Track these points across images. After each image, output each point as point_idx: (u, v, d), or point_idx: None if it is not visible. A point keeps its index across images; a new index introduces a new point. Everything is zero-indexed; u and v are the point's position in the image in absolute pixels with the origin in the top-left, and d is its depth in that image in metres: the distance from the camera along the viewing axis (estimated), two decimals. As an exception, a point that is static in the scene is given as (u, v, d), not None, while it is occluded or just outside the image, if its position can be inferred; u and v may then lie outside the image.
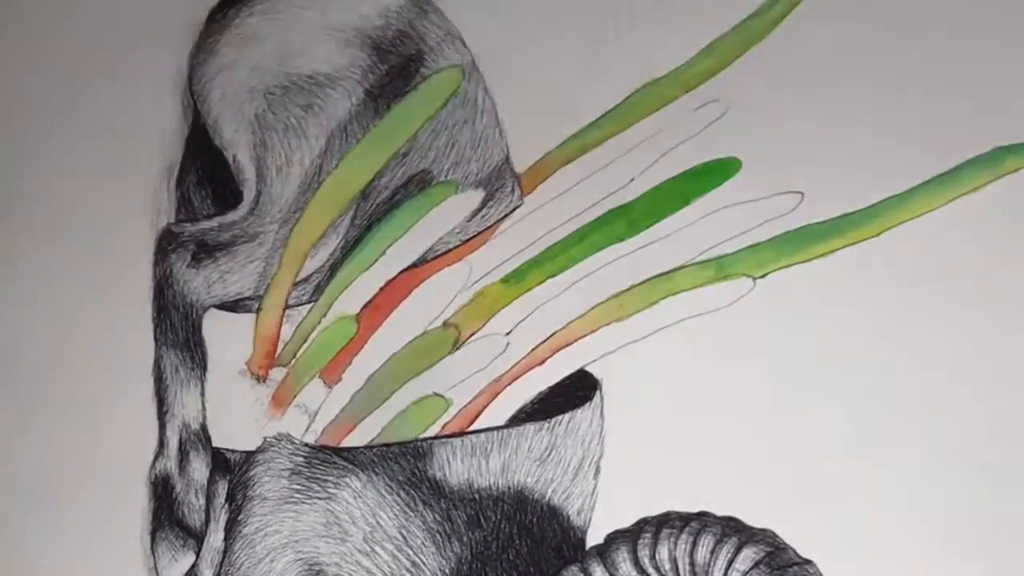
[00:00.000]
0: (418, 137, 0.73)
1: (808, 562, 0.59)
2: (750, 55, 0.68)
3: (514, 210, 0.71)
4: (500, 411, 0.67)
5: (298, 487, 0.67)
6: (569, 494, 0.64)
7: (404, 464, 0.66)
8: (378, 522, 0.65)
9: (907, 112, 0.66)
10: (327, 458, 0.68)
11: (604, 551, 0.62)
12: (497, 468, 0.65)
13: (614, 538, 0.62)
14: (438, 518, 0.65)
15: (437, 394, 0.68)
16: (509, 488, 0.65)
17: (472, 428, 0.67)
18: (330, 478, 0.67)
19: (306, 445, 0.68)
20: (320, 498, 0.67)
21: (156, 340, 0.74)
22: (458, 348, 0.69)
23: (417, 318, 0.70)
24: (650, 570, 0.61)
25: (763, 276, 0.65)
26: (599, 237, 0.69)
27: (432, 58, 0.73)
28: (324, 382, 0.70)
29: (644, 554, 0.61)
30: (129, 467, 0.71)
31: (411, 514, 0.65)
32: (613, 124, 0.70)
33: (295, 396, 0.70)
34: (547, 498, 0.64)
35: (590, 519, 0.64)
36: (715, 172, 0.68)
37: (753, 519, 0.61)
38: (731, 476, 0.62)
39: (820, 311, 0.64)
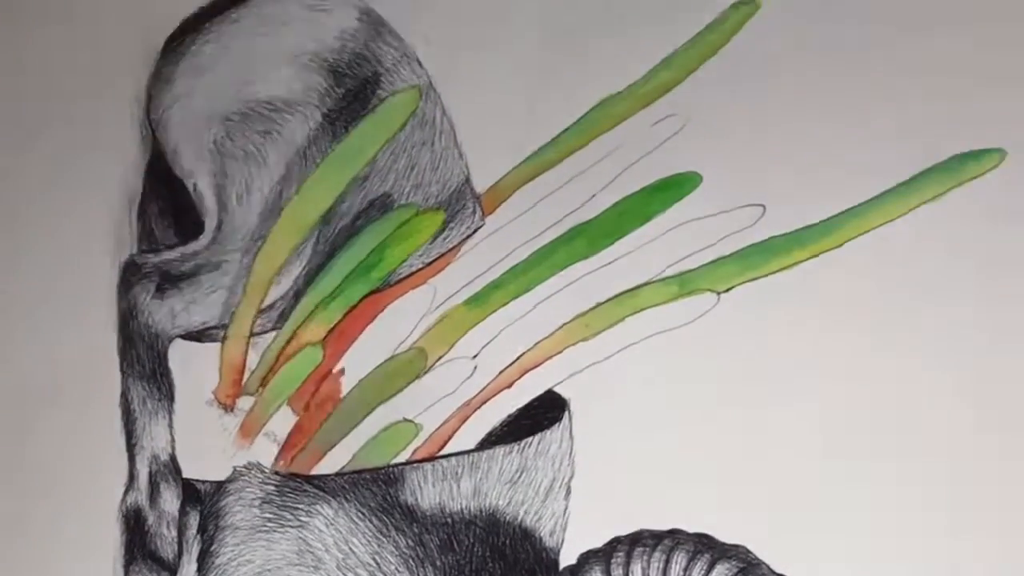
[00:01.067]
0: (377, 160, 0.73)
1: (781, 577, 0.59)
2: (706, 68, 0.68)
3: (476, 231, 0.71)
4: (470, 435, 0.67)
5: (269, 516, 0.67)
6: (541, 515, 0.64)
7: (376, 490, 0.66)
8: (351, 549, 0.65)
9: (866, 122, 0.66)
10: (298, 486, 0.67)
11: (577, 571, 0.62)
12: (469, 492, 0.65)
13: (587, 558, 0.62)
14: (411, 543, 0.65)
15: (407, 420, 0.68)
16: (481, 511, 0.64)
17: (443, 452, 0.66)
18: (301, 506, 0.67)
19: (276, 473, 0.68)
20: (292, 526, 0.66)
21: (123, 372, 0.73)
22: (426, 372, 0.68)
23: (383, 343, 0.70)
24: (623, 590, 0.61)
25: (727, 291, 0.65)
26: (561, 256, 0.68)
27: (389, 80, 0.73)
28: (292, 410, 0.70)
29: (617, 573, 0.61)
30: (100, 501, 0.70)
31: (384, 540, 0.65)
32: (572, 141, 0.70)
33: (263, 425, 0.70)
34: (519, 520, 0.64)
35: (562, 539, 0.63)
36: (675, 187, 0.67)
37: (725, 535, 0.60)
38: (702, 492, 0.62)
39: (785, 324, 0.63)
